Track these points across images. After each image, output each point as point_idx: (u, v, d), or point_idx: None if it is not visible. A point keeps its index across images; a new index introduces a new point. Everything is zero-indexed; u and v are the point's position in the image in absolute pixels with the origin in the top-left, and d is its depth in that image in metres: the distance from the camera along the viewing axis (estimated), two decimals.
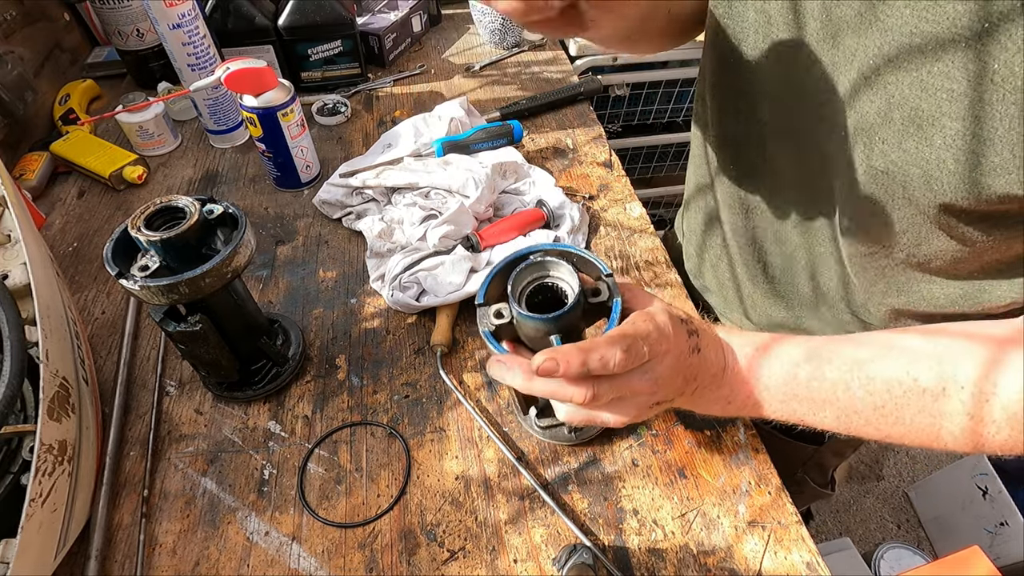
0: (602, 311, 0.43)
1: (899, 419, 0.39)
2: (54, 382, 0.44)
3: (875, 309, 0.51)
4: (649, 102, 1.43)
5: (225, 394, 0.57)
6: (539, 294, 0.43)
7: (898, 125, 0.36)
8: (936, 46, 0.32)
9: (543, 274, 0.43)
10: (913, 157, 0.36)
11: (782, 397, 0.42)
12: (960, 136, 0.33)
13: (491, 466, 0.53)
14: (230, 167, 0.85)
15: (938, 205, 0.36)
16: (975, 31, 0.30)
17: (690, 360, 0.42)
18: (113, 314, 0.66)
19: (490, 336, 0.41)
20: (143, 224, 0.46)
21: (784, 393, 0.42)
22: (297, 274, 0.70)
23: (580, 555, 0.45)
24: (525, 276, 0.43)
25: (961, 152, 0.33)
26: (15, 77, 0.83)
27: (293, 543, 0.48)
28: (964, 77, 0.32)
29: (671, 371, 0.40)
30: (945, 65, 0.32)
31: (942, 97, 0.33)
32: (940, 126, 0.33)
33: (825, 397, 0.41)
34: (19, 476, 0.44)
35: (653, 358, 0.39)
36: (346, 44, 0.95)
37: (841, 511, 1.51)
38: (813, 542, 0.48)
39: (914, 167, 0.36)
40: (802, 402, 0.41)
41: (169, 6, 0.73)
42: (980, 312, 0.45)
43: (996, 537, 1.25)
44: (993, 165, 0.32)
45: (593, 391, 0.39)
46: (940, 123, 0.33)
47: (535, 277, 0.43)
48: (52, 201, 0.80)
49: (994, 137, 0.32)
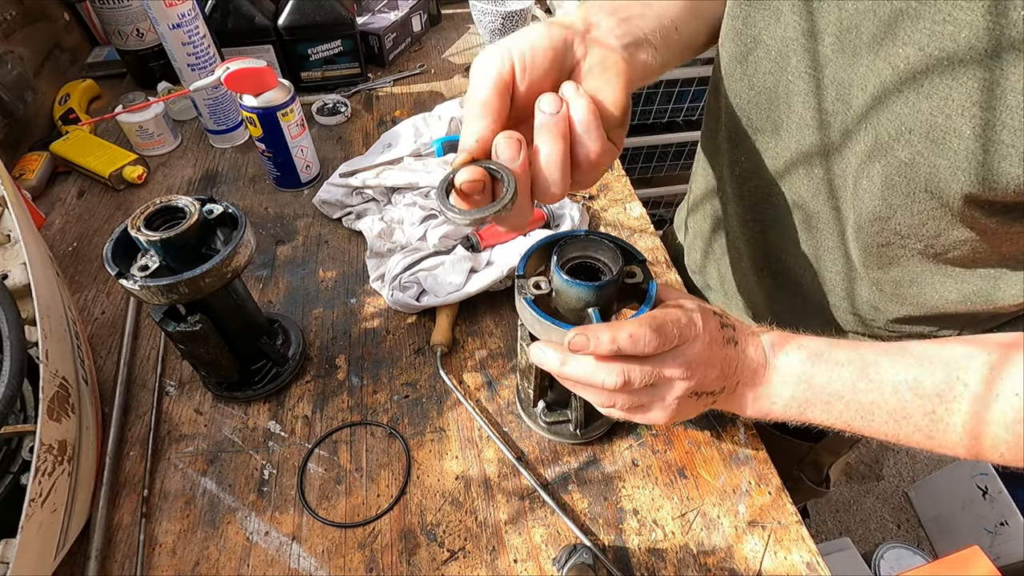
0: (636, 294, 0.44)
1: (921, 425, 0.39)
2: (54, 382, 0.44)
3: (883, 307, 0.51)
4: (649, 102, 1.43)
5: (225, 394, 0.57)
6: (579, 272, 0.44)
7: (919, 134, 0.36)
8: (952, 64, 0.33)
9: (585, 252, 0.44)
10: (933, 155, 0.36)
11: (826, 399, 0.41)
12: (976, 134, 0.33)
13: (491, 466, 0.53)
14: (230, 167, 0.85)
15: (963, 197, 0.36)
16: (989, 51, 0.31)
17: (726, 351, 0.42)
18: (113, 314, 0.66)
19: (531, 302, 0.42)
20: (143, 224, 0.46)
21: (830, 394, 0.41)
22: (297, 274, 0.70)
23: (580, 555, 0.45)
24: (568, 251, 0.44)
25: (979, 145, 0.33)
26: (15, 77, 0.83)
27: (293, 543, 0.48)
28: (978, 88, 0.32)
29: (704, 357, 0.40)
30: (960, 82, 0.33)
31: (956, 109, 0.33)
32: (956, 132, 0.34)
33: (872, 400, 0.40)
34: (19, 476, 0.43)
35: (683, 342, 0.39)
36: (346, 44, 0.95)
37: (841, 511, 1.51)
38: (813, 542, 0.48)
39: (941, 159, 0.36)
40: (848, 405, 0.41)
41: (169, 6, 0.73)
42: (991, 311, 0.45)
43: (996, 537, 1.25)
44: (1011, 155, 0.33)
45: (625, 376, 0.39)
46: (956, 129, 0.34)
47: (578, 254, 0.44)
48: (52, 201, 0.80)
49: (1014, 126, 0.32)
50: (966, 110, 0.33)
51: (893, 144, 0.38)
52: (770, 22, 0.44)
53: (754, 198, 0.54)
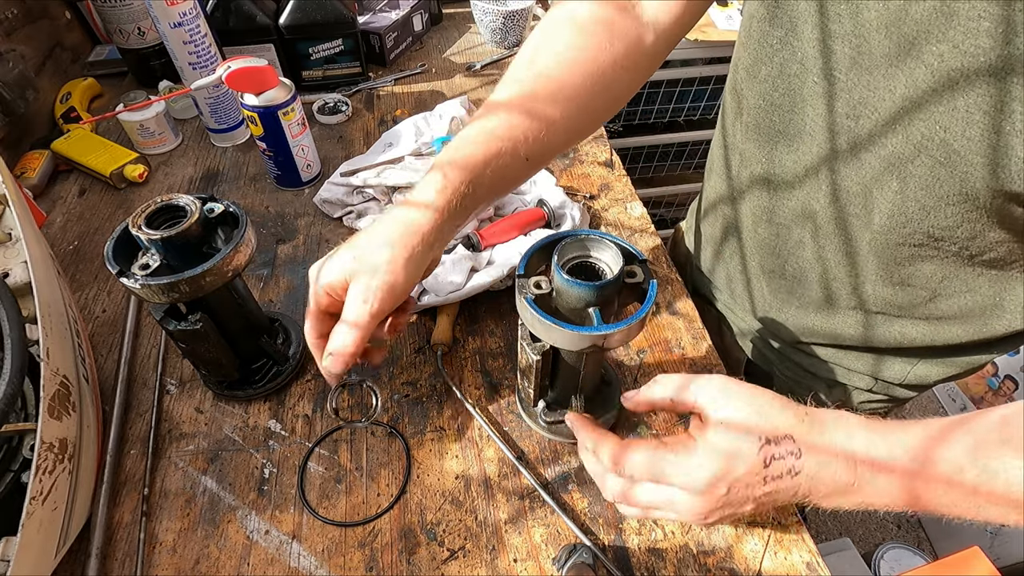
0: (636, 293, 0.44)
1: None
2: (55, 380, 0.44)
3: (890, 316, 0.51)
4: (650, 102, 1.43)
5: (225, 393, 0.57)
6: (580, 272, 0.44)
7: (940, 135, 0.37)
8: (968, 61, 0.33)
9: (586, 252, 0.45)
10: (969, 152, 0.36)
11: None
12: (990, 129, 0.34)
13: (491, 465, 0.53)
14: (231, 166, 0.85)
15: (993, 193, 0.36)
16: (1004, 41, 0.31)
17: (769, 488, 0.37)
18: (114, 312, 0.66)
19: (532, 302, 0.42)
20: (144, 222, 0.46)
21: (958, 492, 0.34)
22: (298, 273, 0.70)
23: (580, 555, 0.45)
24: (568, 251, 0.44)
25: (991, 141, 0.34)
26: (16, 75, 0.83)
27: (293, 542, 0.48)
28: (994, 82, 0.33)
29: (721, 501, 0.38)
30: (978, 77, 0.33)
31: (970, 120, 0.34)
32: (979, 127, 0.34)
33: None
34: (20, 474, 0.44)
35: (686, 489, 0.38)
36: (347, 43, 0.95)
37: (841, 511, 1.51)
38: (813, 542, 0.48)
39: (976, 155, 0.36)
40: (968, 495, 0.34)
41: (170, 4, 0.73)
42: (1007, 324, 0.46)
43: (996, 538, 1.25)
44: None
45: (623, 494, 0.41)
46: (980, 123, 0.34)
47: (578, 254, 0.45)
48: (53, 199, 0.80)
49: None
50: (996, 110, 0.33)
51: (925, 145, 0.38)
52: (788, 31, 0.44)
53: (767, 204, 0.54)
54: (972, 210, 0.39)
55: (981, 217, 0.39)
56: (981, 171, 0.36)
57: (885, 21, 0.37)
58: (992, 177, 0.35)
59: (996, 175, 0.35)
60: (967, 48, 0.33)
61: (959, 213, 0.39)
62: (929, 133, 0.37)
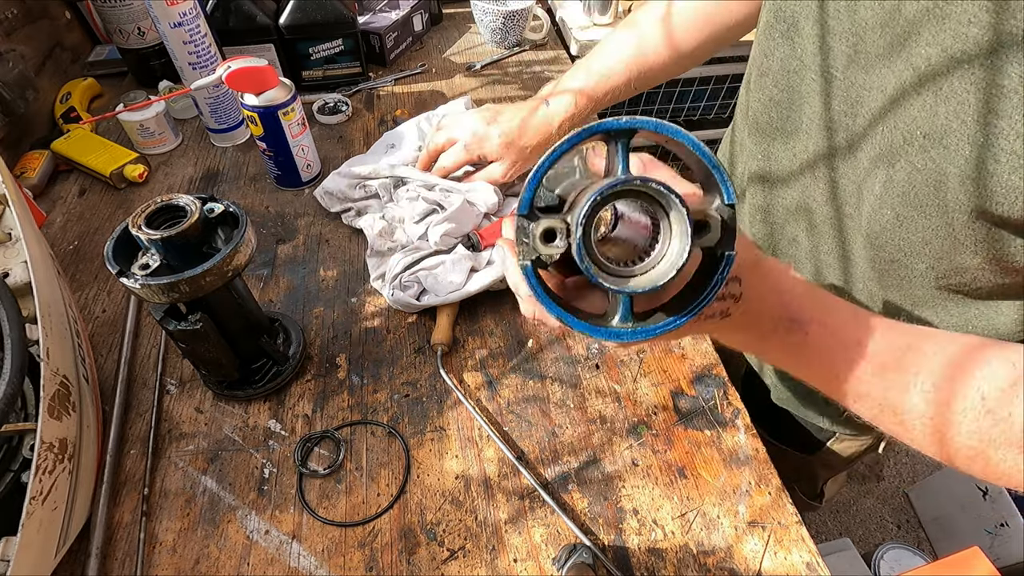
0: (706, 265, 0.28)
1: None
2: (55, 380, 0.44)
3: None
4: (650, 102, 1.43)
5: (225, 393, 0.57)
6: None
7: (932, 139, 0.36)
8: (954, 65, 0.33)
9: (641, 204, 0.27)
10: (944, 161, 0.36)
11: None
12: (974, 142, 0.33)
13: (491, 465, 0.53)
14: (231, 166, 0.85)
15: (969, 211, 0.35)
16: (989, 49, 0.31)
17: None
18: (114, 312, 0.66)
19: (530, 272, 0.27)
20: (144, 222, 0.46)
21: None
22: (298, 273, 0.70)
23: (580, 555, 0.45)
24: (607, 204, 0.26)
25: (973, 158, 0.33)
26: (16, 75, 0.83)
27: (293, 542, 0.48)
28: (977, 88, 0.32)
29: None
30: (961, 80, 0.33)
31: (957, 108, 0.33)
32: (969, 138, 0.34)
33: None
34: (20, 474, 0.44)
35: None
36: (347, 43, 0.95)
37: (841, 511, 1.51)
38: (813, 542, 0.48)
39: (951, 166, 0.36)
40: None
41: (170, 4, 0.73)
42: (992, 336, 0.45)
43: (996, 538, 1.25)
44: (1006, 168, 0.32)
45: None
46: (969, 135, 0.34)
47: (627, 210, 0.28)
48: (53, 199, 0.80)
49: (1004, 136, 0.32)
50: (980, 116, 0.33)
51: (905, 149, 0.38)
52: (790, 26, 0.45)
53: (762, 201, 0.55)
54: (943, 226, 0.38)
55: (950, 235, 0.38)
56: (954, 182, 0.35)
57: (880, 19, 0.37)
58: (966, 192, 0.35)
59: (974, 191, 0.35)
60: (954, 52, 0.33)
61: (929, 228, 0.39)
62: (910, 136, 0.37)
